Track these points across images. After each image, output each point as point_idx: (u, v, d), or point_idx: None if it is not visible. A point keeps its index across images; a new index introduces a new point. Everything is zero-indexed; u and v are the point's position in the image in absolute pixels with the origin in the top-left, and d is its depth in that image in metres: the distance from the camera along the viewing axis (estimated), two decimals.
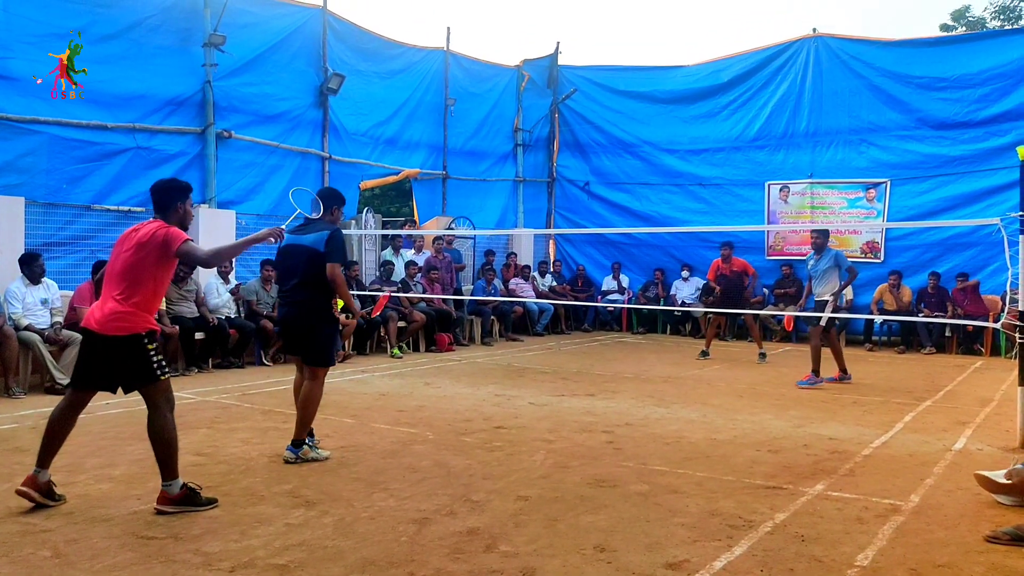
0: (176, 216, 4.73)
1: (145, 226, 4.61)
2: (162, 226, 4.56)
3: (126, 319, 4.44)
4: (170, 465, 4.49)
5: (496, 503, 4.75)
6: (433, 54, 15.31)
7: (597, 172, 17.38)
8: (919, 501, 4.89)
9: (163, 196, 4.75)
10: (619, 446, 6.25)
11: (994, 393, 9.00)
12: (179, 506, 4.42)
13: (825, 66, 15.00)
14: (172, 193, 4.76)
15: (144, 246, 4.49)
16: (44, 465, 4.57)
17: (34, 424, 6.74)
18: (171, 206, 4.72)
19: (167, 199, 4.74)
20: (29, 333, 8.39)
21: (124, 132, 10.65)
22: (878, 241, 14.64)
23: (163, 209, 4.73)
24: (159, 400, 4.54)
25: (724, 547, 4.07)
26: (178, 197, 4.75)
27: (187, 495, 4.47)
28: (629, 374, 10.29)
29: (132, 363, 4.49)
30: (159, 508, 4.43)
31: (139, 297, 4.47)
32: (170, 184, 4.84)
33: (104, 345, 4.48)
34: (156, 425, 4.53)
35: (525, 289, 15.26)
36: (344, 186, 13.66)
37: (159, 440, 4.51)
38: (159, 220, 4.66)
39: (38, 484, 4.51)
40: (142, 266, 4.48)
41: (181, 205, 4.75)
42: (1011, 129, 13.39)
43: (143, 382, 4.52)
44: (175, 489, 4.45)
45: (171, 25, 11.10)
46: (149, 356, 4.49)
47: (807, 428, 7.02)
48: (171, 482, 4.47)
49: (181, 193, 4.78)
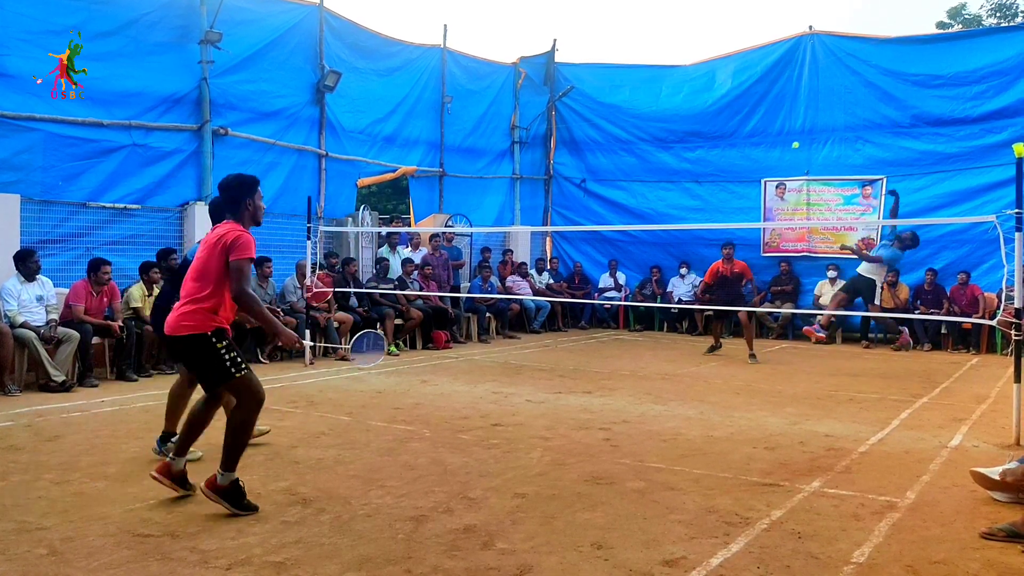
0: (248, 213, 4.66)
1: (221, 227, 4.59)
2: (235, 229, 4.51)
3: (193, 318, 4.43)
4: (232, 457, 4.45)
5: (493, 500, 4.75)
6: (430, 52, 15.28)
7: (593, 169, 17.37)
8: (915, 498, 4.91)
9: (232, 194, 4.65)
10: (616, 443, 6.25)
11: (990, 390, 9.02)
12: (220, 497, 4.37)
13: (821, 63, 14.99)
14: (241, 190, 4.66)
15: (214, 247, 4.47)
16: (181, 453, 4.71)
17: (29, 422, 6.73)
18: (241, 203, 4.64)
19: (237, 195, 4.64)
20: (24, 330, 8.37)
21: (120, 129, 10.61)
22: (874, 238, 14.64)
23: (234, 208, 4.65)
24: (244, 396, 4.51)
25: (721, 544, 4.07)
26: (246, 193, 4.66)
27: (232, 490, 4.40)
28: (626, 371, 10.30)
29: (204, 362, 4.48)
30: (203, 488, 4.42)
31: (209, 298, 4.44)
32: (236, 180, 4.70)
33: (177, 346, 4.54)
34: (236, 418, 4.52)
35: (522, 287, 15.26)
36: (341, 183, 13.69)
37: (234, 432, 4.49)
38: (232, 222, 4.59)
39: (171, 471, 4.66)
40: (212, 267, 4.46)
41: (250, 201, 4.66)
42: (1007, 126, 13.39)
43: (219, 381, 4.51)
44: (226, 480, 4.40)
45: (168, 22, 11.06)
46: (220, 355, 4.44)
47: (803, 425, 7.03)
48: (226, 473, 4.42)
49: (248, 189, 4.68)
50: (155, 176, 10.97)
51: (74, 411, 7.26)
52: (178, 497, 4.67)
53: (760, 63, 15.60)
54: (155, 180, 10.97)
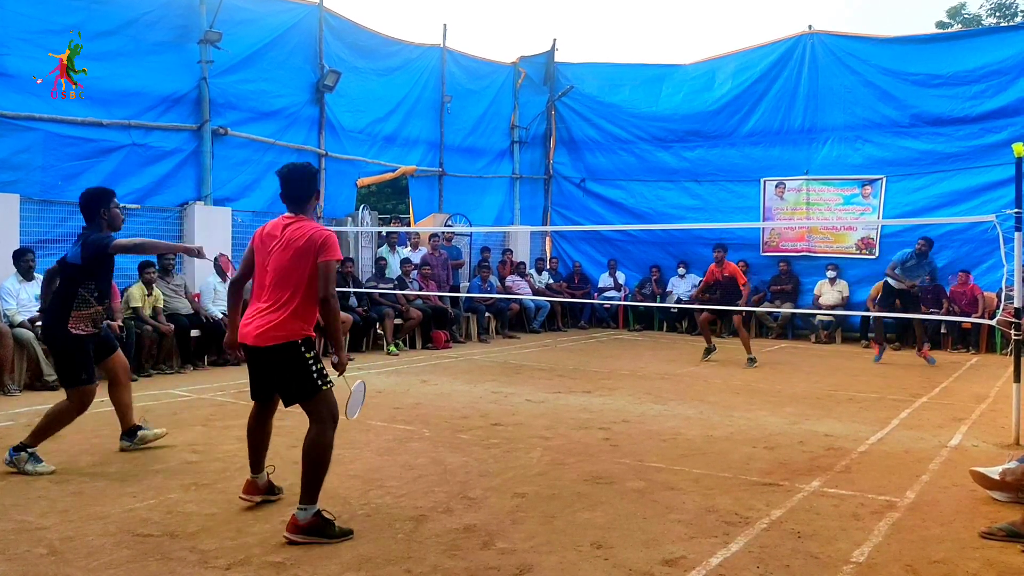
0: (312, 207, 4.41)
1: (295, 227, 4.22)
2: (319, 230, 4.21)
3: (283, 328, 4.14)
4: (313, 488, 4.05)
5: (493, 500, 4.75)
6: (430, 51, 15.28)
7: (593, 169, 17.36)
8: (915, 498, 4.91)
9: (300, 188, 4.34)
10: (616, 443, 6.25)
11: (989, 390, 9.02)
12: (309, 536, 3.95)
13: (821, 63, 14.99)
14: (313, 183, 4.40)
15: (301, 247, 4.15)
16: (258, 470, 4.60)
17: (28, 421, 6.71)
18: (309, 196, 4.36)
19: (308, 189, 4.37)
20: (23, 330, 8.37)
21: (120, 129, 10.61)
22: (873, 238, 14.65)
23: (301, 201, 4.34)
24: (322, 413, 4.18)
25: (721, 544, 4.07)
26: (315, 186, 4.42)
27: (318, 524, 3.99)
28: (626, 371, 10.30)
29: (290, 374, 4.18)
30: (288, 537, 3.96)
31: (295, 303, 4.15)
32: (306, 172, 4.40)
33: (261, 357, 4.24)
34: (312, 440, 4.12)
35: (521, 286, 15.26)
36: (340, 183, 13.68)
37: (311, 457, 4.08)
38: (304, 218, 4.29)
39: (258, 487, 4.59)
40: (297, 268, 4.15)
41: (317, 193, 4.44)
42: (1007, 126, 13.38)
43: (303, 395, 4.20)
44: (307, 515, 3.99)
45: (167, 22, 11.06)
46: (308, 365, 4.17)
47: (803, 425, 7.03)
48: (307, 507, 4.01)
49: (316, 181, 4.44)
50: (155, 176, 10.97)
51: None
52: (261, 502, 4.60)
53: (760, 63, 15.59)
54: (155, 180, 10.97)
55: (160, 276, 9.89)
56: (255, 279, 4.33)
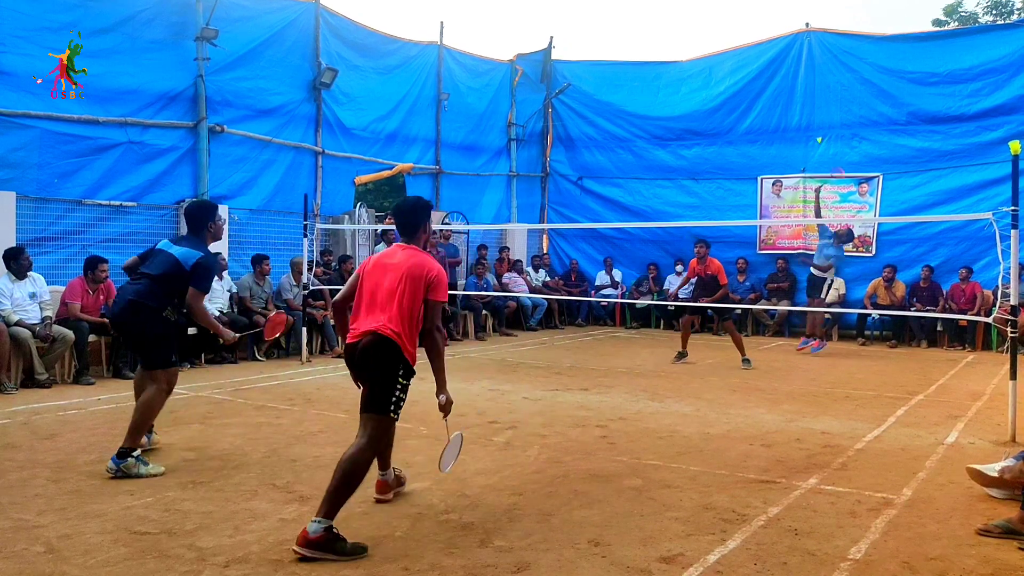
0: (424, 238, 4.45)
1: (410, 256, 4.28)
2: (435, 264, 4.27)
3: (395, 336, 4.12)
4: (335, 503, 3.95)
5: (490, 498, 4.76)
6: (427, 49, 15.26)
7: (590, 167, 17.37)
8: (911, 495, 4.92)
9: (411, 218, 4.42)
10: (613, 441, 6.26)
11: (986, 387, 9.04)
12: (317, 551, 3.81)
13: (818, 61, 15.01)
14: (422, 214, 4.44)
15: (417, 278, 4.19)
16: (385, 467, 4.68)
17: (26, 420, 6.72)
18: (420, 227, 4.42)
19: (416, 220, 4.41)
20: (19, 329, 8.36)
21: (116, 126, 10.58)
22: (870, 235, 14.68)
23: (411, 231, 4.42)
24: (376, 433, 4.15)
25: (718, 541, 4.08)
26: (425, 218, 4.46)
27: (328, 540, 3.85)
28: (623, 369, 10.31)
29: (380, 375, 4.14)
30: (297, 551, 3.83)
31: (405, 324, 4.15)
32: (417, 204, 4.49)
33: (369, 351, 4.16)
34: (352, 455, 4.04)
35: (518, 284, 15.26)
36: (338, 181, 13.67)
37: (346, 471, 3.98)
38: (418, 249, 4.35)
39: (389, 485, 4.68)
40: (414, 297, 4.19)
41: (428, 224, 4.47)
42: (1003, 124, 13.42)
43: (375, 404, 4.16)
44: (319, 529, 3.84)
45: (163, 19, 11.03)
46: (396, 383, 4.15)
47: (800, 422, 7.04)
48: (320, 520, 3.87)
49: (427, 213, 4.48)
50: (151, 173, 10.95)
51: (71, 409, 7.25)
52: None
53: (757, 60, 15.61)
54: (151, 177, 10.95)
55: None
56: (364, 302, 4.28)
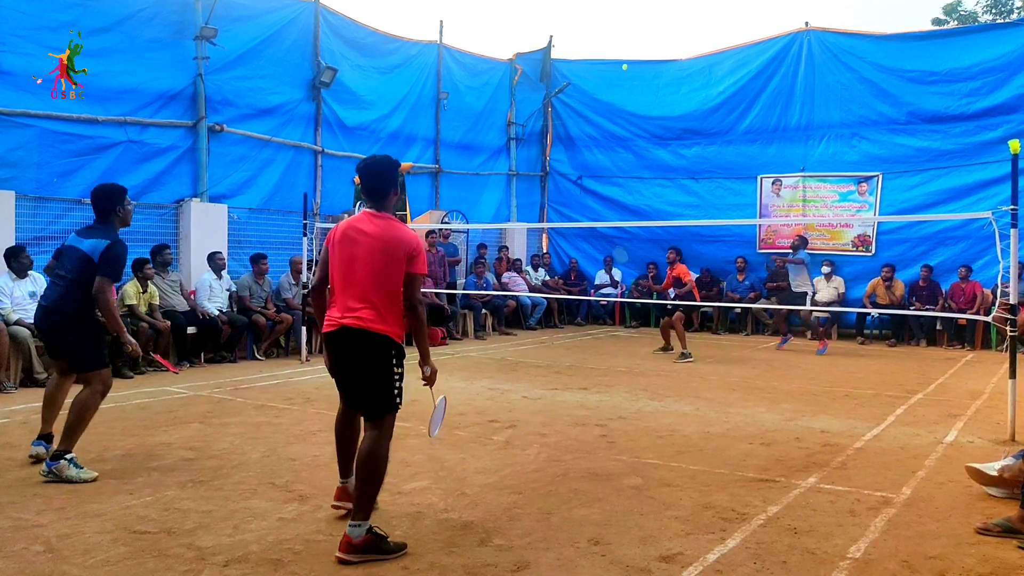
0: (392, 203, 4.20)
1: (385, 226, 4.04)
2: (412, 235, 4.07)
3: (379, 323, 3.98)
4: (367, 501, 3.86)
5: (490, 497, 4.76)
6: (427, 48, 15.25)
7: (590, 166, 17.36)
8: (911, 494, 4.92)
9: (381, 181, 4.14)
10: (612, 440, 6.26)
11: (985, 386, 9.05)
12: (364, 555, 3.74)
13: (817, 60, 15.00)
14: (392, 175, 4.18)
15: (393, 250, 3.97)
16: (347, 475, 4.33)
17: (24, 419, 6.71)
18: (391, 190, 4.17)
19: (386, 183, 4.15)
20: (19, 328, 8.35)
21: (115, 126, 10.58)
22: (869, 235, 14.68)
23: (381, 195, 4.14)
24: (386, 425, 4.02)
25: (717, 540, 4.08)
26: (395, 179, 4.21)
27: (372, 541, 3.78)
28: (622, 368, 10.31)
29: (373, 373, 4.01)
30: (340, 557, 3.73)
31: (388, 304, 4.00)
32: (388, 163, 4.20)
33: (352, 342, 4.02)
34: (368, 449, 3.92)
35: (518, 283, 15.26)
36: (337, 180, 13.66)
37: (367, 467, 3.88)
38: (390, 216, 4.12)
39: (349, 493, 4.22)
40: (393, 271, 3.98)
41: (396, 188, 4.21)
42: (1002, 123, 13.41)
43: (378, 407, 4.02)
44: (361, 532, 3.76)
45: (163, 18, 11.02)
46: (392, 375, 4.03)
47: (799, 421, 7.04)
48: (360, 523, 3.78)
49: (396, 173, 4.22)
50: (150, 173, 10.94)
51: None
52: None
53: (756, 59, 15.60)
54: (150, 177, 10.94)
55: (158, 272, 9.91)
56: (339, 281, 4.07)
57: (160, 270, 10.00)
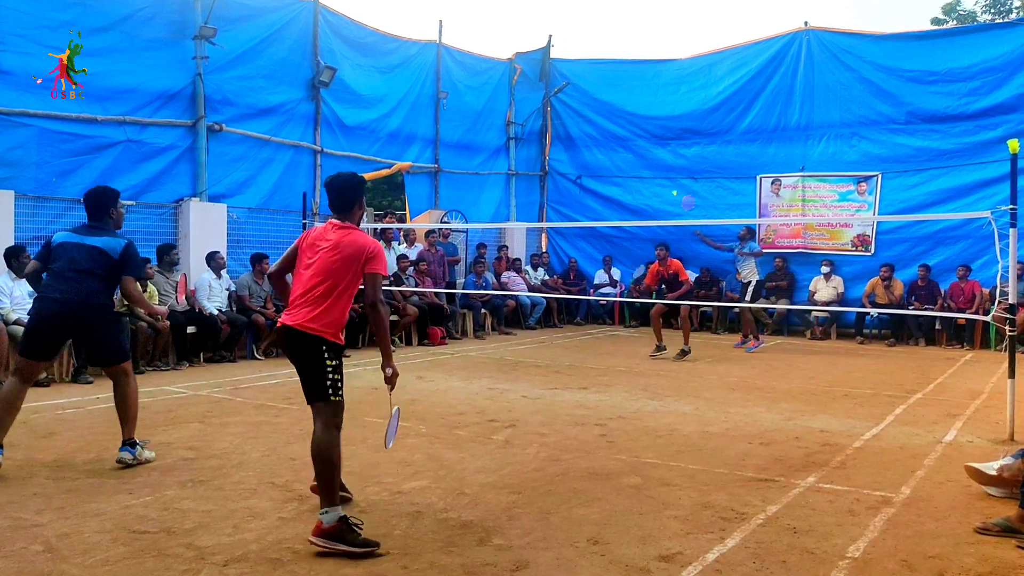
0: (358, 215, 4.41)
1: (345, 233, 4.24)
2: (369, 242, 4.23)
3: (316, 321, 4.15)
4: (326, 489, 4.02)
5: (489, 496, 4.76)
6: (426, 47, 15.25)
7: (589, 165, 17.36)
8: (910, 493, 4.92)
9: (345, 195, 4.34)
10: (612, 439, 6.26)
11: (984, 386, 9.05)
12: (330, 541, 3.85)
13: (817, 59, 15.01)
14: (357, 190, 4.38)
15: (348, 256, 4.18)
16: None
17: (24, 419, 6.69)
18: (355, 203, 4.36)
19: (350, 197, 4.34)
20: (18, 327, 8.34)
21: (114, 125, 10.58)
22: (869, 234, 14.69)
23: (345, 209, 4.35)
24: (326, 416, 4.16)
25: (717, 539, 4.08)
26: (361, 193, 4.42)
27: (340, 529, 3.88)
28: (622, 367, 10.31)
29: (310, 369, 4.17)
30: (311, 540, 3.90)
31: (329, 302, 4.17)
32: (352, 180, 4.40)
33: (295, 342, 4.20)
34: (315, 439, 4.13)
35: (517, 283, 15.26)
36: None
37: (318, 457, 4.08)
38: (353, 227, 4.30)
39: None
40: (344, 273, 4.19)
41: (363, 201, 4.43)
42: (1001, 123, 13.42)
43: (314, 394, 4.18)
44: (332, 519, 3.89)
45: (162, 18, 11.03)
46: (325, 369, 4.14)
47: (798, 421, 7.05)
48: (327, 510, 3.93)
49: (362, 188, 4.44)
50: (150, 172, 10.95)
51: (69, 408, 7.25)
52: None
53: (756, 59, 15.60)
54: (150, 176, 10.95)
55: (160, 271, 9.92)
56: (296, 281, 4.31)
57: (166, 270, 10.04)
